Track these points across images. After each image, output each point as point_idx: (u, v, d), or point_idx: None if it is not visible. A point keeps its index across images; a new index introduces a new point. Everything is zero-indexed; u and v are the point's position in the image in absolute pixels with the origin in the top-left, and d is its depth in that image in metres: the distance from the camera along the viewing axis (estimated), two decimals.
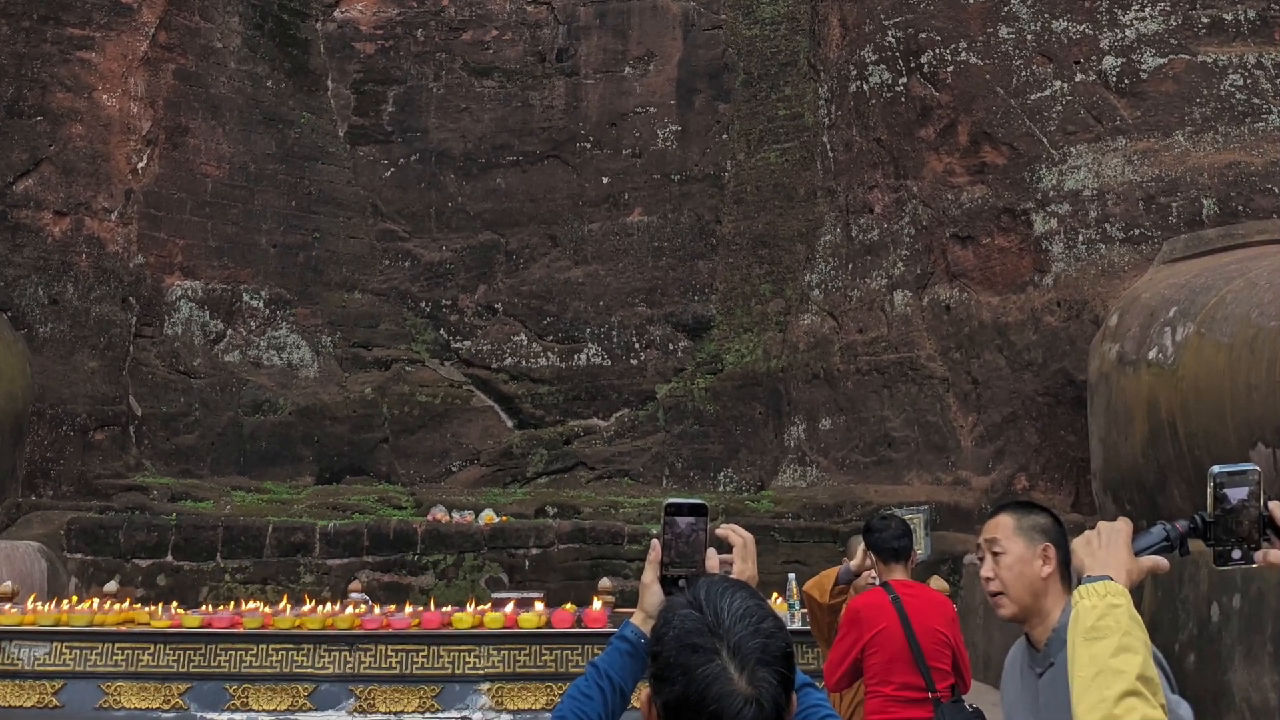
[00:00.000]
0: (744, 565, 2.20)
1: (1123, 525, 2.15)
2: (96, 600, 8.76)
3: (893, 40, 13.85)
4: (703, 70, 17.28)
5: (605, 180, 17.26)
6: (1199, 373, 8.36)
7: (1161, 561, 2.14)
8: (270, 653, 7.95)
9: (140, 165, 15.20)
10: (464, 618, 8.11)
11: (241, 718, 7.83)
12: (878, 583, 5.08)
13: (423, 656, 7.94)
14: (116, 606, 8.58)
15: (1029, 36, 12.25)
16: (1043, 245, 11.93)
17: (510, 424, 16.67)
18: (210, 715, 7.83)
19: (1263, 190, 10.54)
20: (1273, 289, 8.04)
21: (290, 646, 7.96)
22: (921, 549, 6.30)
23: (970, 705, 4.85)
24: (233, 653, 7.93)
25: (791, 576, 8.70)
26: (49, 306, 14.09)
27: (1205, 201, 10.75)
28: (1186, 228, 10.78)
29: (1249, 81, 10.99)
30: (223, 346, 15.81)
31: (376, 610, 8.72)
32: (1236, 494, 2.10)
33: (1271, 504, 2.09)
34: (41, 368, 13.70)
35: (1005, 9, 12.51)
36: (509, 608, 8.34)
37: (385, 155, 17.58)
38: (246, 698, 7.88)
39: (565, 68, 17.67)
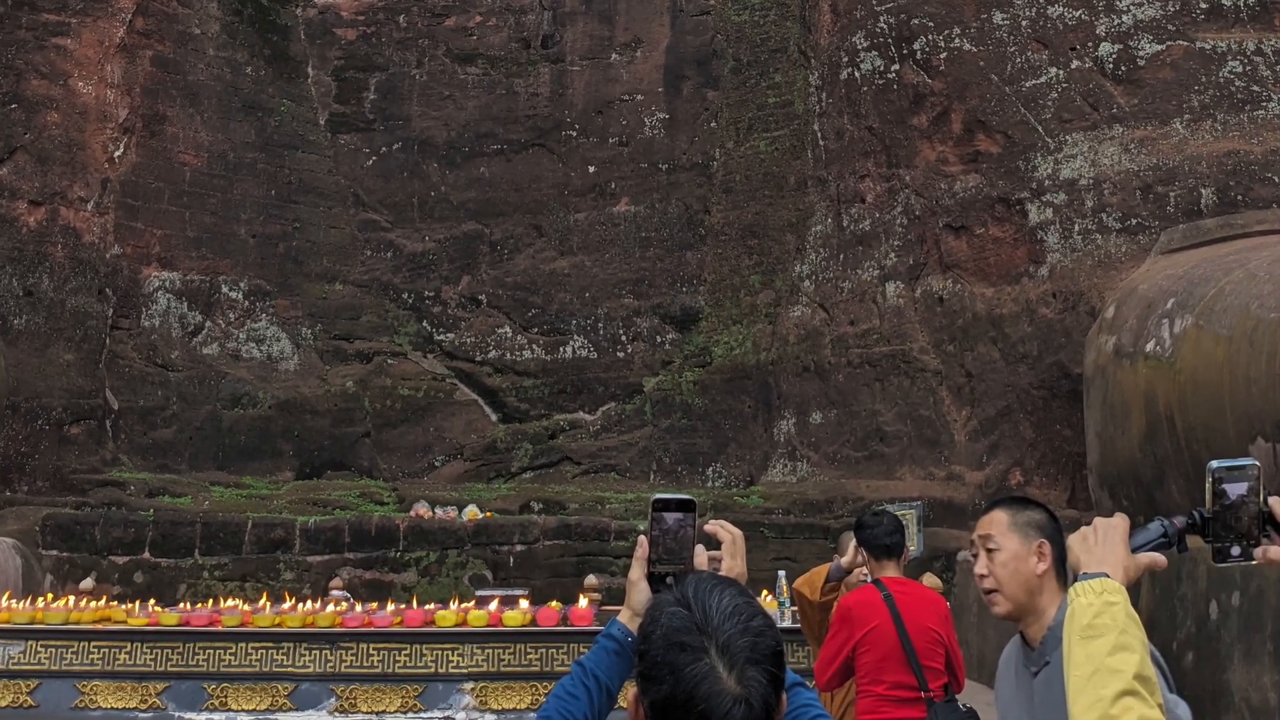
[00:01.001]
0: (733, 562, 2.15)
1: (1119, 521, 2.12)
2: (72, 598, 8.72)
3: (885, 26, 13.72)
4: (691, 57, 17.15)
5: (591, 169, 17.11)
6: (1197, 365, 8.25)
7: (1159, 558, 2.12)
8: (249, 651, 7.90)
9: (117, 154, 15.05)
10: (447, 616, 8.07)
11: (220, 717, 7.78)
12: (869, 580, 5.02)
13: (405, 655, 7.90)
14: (93, 604, 8.55)
15: (1024, 22, 12.13)
16: (1038, 235, 11.81)
17: (494, 418, 16.55)
18: (188, 715, 7.78)
19: (1262, 179, 10.44)
20: (1272, 280, 7.94)
21: (270, 645, 7.93)
22: (914, 545, 6.23)
23: (964, 705, 4.82)
24: (211, 651, 7.89)
25: (781, 573, 8.61)
26: (23, 298, 13.94)
27: (1204, 191, 10.64)
28: (1185, 218, 10.67)
29: (1248, 68, 10.87)
30: (201, 339, 15.66)
31: (358, 608, 8.70)
32: (1235, 489, 2.08)
33: (1271, 500, 2.07)
34: (16, 360, 13.56)
35: None
36: (493, 605, 8.32)
37: (367, 144, 17.42)
38: (225, 697, 7.82)
39: (550, 54, 17.53)
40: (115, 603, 8.86)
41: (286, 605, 8.60)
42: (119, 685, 7.74)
